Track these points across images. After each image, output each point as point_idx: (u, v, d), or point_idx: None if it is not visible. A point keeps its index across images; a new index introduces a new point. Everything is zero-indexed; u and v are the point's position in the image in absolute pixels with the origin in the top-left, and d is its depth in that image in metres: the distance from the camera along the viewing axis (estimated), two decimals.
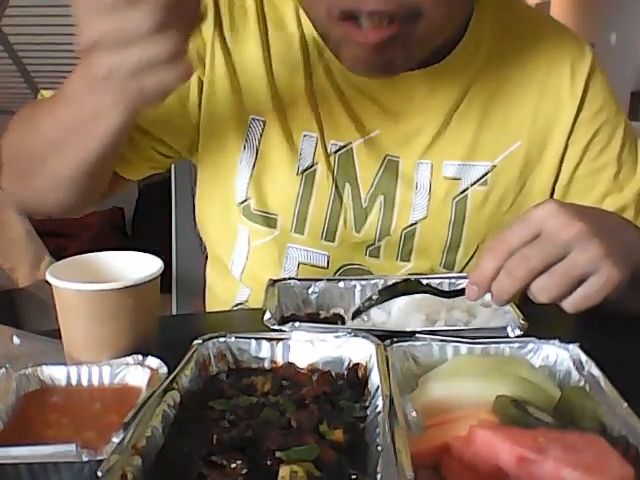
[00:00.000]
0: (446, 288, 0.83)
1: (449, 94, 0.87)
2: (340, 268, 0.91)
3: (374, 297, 0.74)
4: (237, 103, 0.88)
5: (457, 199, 0.89)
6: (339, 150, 0.88)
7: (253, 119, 0.88)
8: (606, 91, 0.91)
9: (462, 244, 0.90)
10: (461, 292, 0.70)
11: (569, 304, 0.63)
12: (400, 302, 0.77)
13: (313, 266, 0.91)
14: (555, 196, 0.92)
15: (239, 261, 0.95)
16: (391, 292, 0.75)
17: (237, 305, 0.98)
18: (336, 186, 0.89)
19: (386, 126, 0.88)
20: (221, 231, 0.97)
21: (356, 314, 0.75)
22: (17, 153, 0.82)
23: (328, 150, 0.88)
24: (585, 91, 0.89)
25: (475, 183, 0.89)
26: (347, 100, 0.88)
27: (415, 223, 0.89)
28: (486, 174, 0.89)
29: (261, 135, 0.88)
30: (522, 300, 0.69)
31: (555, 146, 0.89)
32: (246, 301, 0.97)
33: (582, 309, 0.63)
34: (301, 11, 0.85)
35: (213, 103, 0.87)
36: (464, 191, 0.89)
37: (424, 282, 0.76)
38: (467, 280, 0.67)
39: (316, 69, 0.87)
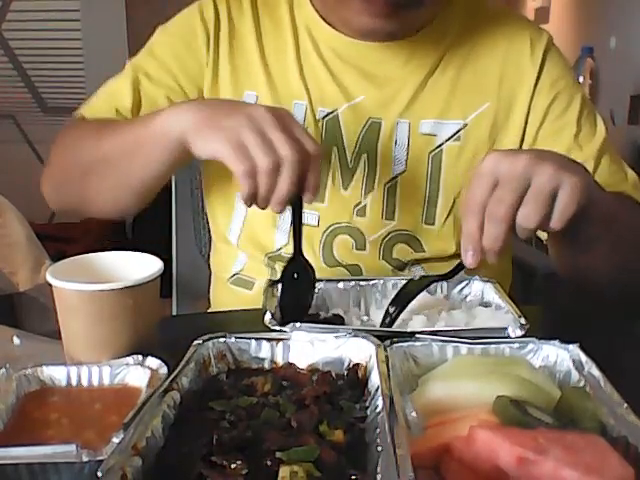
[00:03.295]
0: (445, 289, 0.84)
1: (425, 61, 0.97)
2: (330, 226, 0.98)
3: (391, 310, 0.75)
4: (234, 81, 0.98)
5: (433, 153, 0.97)
6: (326, 116, 0.97)
7: (248, 94, 0.98)
8: (563, 65, 1.02)
9: (440, 197, 0.97)
10: (460, 267, 0.74)
11: (555, 221, 0.68)
12: None
13: (305, 225, 0.95)
14: None
15: (236, 227, 1.02)
16: (404, 298, 0.76)
17: (233, 276, 1.04)
18: (324, 149, 0.95)
19: (369, 91, 0.97)
20: (221, 201, 1.05)
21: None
22: (75, 161, 0.93)
23: (317, 116, 0.97)
24: (543, 61, 0.99)
25: (449, 139, 0.97)
26: (333, 70, 0.97)
27: (396, 177, 0.97)
28: (459, 131, 0.97)
29: None
30: (522, 300, 0.69)
31: (519, 109, 0.98)
32: (241, 270, 1.03)
33: (567, 221, 0.68)
34: None
35: (217, 83, 0.99)
36: (439, 146, 0.97)
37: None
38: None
39: (304, 44, 0.98)
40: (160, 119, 0.80)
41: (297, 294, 0.79)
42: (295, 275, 0.79)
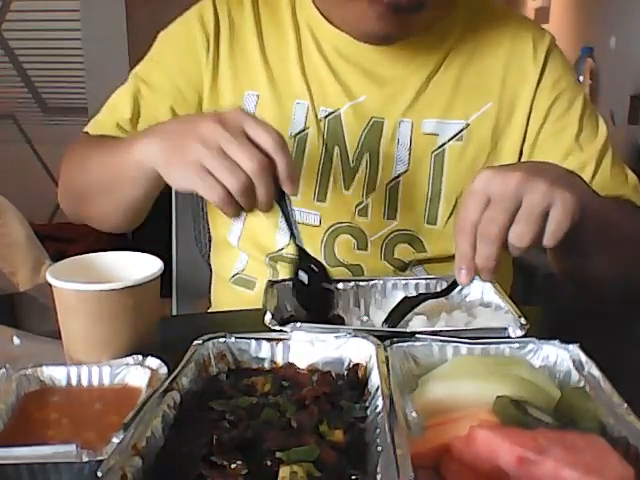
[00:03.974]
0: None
1: (427, 61, 0.98)
2: (331, 226, 0.98)
3: (385, 327, 0.75)
4: (235, 81, 0.99)
5: (436, 153, 0.97)
6: (329, 115, 0.97)
7: (249, 94, 0.98)
8: (565, 66, 1.02)
9: (442, 197, 0.97)
10: (453, 285, 0.75)
11: (547, 240, 0.68)
12: None
13: (306, 225, 0.97)
14: (523, 156, 1.00)
15: (236, 229, 1.02)
16: (398, 316, 0.76)
17: (235, 276, 1.04)
18: (326, 149, 0.97)
19: (371, 91, 0.97)
20: None
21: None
22: (74, 183, 0.98)
23: (318, 116, 0.97)
24: (545, 62, 0.99)
25: (452, 139, 0.97)
26: (335, 69, 0.97)
27: (398, 177, 0.97)
28: (461, 131, 0.97)
29: (255, 107, 0.98)
30: (522, 300, 0.69)
31: (521, 109, 0.99)
32: (243, 270, 1.03)
33: (560, 238, 0.67)
34: None
35: (217, 84, 0.99)
36: (442, 146, 0.97)
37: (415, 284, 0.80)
38: None
39: (306, 43, 0.98)
40: (135, 149, 0.80)
41: (314, 291, 0.79)
42: (305, 272, 0.80)
